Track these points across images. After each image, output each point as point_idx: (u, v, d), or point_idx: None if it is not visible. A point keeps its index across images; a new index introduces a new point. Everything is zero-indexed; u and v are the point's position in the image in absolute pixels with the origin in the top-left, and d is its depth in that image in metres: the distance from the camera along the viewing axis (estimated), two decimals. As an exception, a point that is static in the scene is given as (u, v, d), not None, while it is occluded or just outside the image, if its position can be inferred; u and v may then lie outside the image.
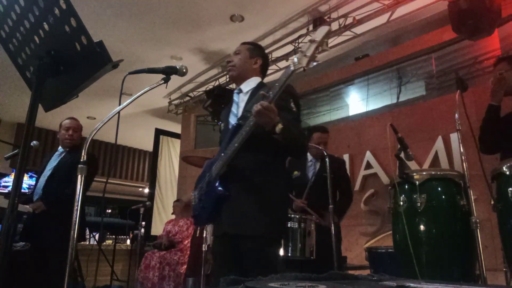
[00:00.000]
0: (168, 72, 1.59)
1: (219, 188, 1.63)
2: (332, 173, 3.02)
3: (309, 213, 2.72)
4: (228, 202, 1.63)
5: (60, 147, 3.11)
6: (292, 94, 1.73)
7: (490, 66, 4.10)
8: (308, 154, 3.25)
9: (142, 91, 1.51)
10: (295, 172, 3.24)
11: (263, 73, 1.94)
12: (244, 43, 1.94)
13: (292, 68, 1.43)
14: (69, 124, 3.08)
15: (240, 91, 1.86)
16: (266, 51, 5.43)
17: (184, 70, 1.62)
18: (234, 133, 1.66)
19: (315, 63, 1.44)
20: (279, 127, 1.49)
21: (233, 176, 1.65)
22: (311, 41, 1.40)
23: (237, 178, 1.64)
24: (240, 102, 1.84)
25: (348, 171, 4.75)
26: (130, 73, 1.53)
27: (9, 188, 6.19)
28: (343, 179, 3.17)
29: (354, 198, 4.56)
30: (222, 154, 1.67)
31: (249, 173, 1.64)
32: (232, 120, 1.78)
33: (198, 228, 4.32)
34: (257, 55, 1.91)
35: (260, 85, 1.83)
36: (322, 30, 1.41)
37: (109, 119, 1.45)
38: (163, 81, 1.59)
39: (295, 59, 1.42)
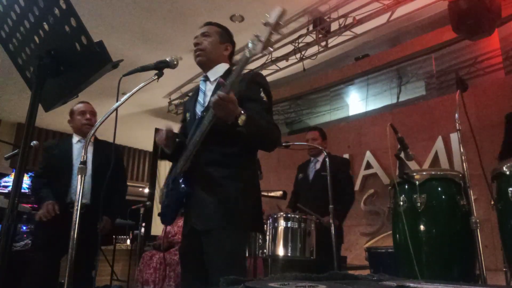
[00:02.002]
0: (160, 66, 1.58)
1: (182, 186, 1.55)
2: (332, 173, 3.03)
3: (308, 213, 2.72)
4: (194, 198, 1.56)
5: (74, 136, 2.75)
6: (261, 84, 1.62)
7: (490, 66, 4.11)
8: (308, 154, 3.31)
9: (136, 88, 1.50)
10: (300, 175, 3.30)
11: (230, 60, 1.81)
12: (210, 24, 1.78)
13: (247, 55, 1.35)
14: (84, 107, 2.72)
15: (207, 78, 1.73)
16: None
17: (175, 62, 1.59)
18: (198, 126, 1.57)
19: (271, 49, 1.36)
20: (242, 118, 1.38)
21: (197, 172, 1.56)
22: (265, 25, 1.32)
23: (202, 174, 1.55)
24: (207, 91, 1.71)
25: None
26: (125, 75, 1.52)
27: (9, 188, 6.20)
28: (343, 179, 3.11)
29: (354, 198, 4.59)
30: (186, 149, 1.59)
31: (214, 167, 1.55)
32: (199, 111, 1.67)
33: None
34: (227, 41, 1.78)
35: (228, 72, 1.71)
36: (275, 12, 1.31)
37: (106, 118, 1.45)
38: (156, 77, 1.59)
39: (250, 45, 1.34)
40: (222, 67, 1.73)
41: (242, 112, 1.40)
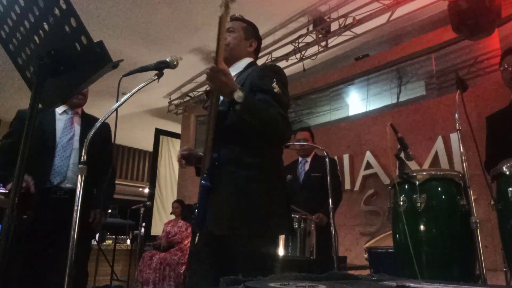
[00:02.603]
0: (160, 67, 1.57)
1: (202, 182, 1.48)
2: (319, 172, 3.04)
3: (297, 212, 2.72)
4: (213, 199, 1.48)
5: (59, 107, 2.33)
6: (275, 75, 1.54)
7: (490, 66, 4.11)
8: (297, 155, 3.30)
9: (136, 88, 1.51)
10: (288, 176, 3.27)
11: (255, 55, 1.78)
12: (236, 19, 1.75)
13: (219, 15, 1.36)
14: None
15: None
16: (266, 51, 5.46)
17: (175, 63, 1.59)
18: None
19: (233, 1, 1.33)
20: (239, 94, 1.34)
21: (219, 171, 1.49)
22: None
23: (223, 173, 1.48)
24: None
25: (348, 171, 4.80)
26: (124, 75, 1.53)
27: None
28: (332, 177, 2.92)
29: (354, 198, 4.61)
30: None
31: (236, 167, 1.48)
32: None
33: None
34: (252, 37, 1.75)
35: (250, 65, 1.69)
36: None
37: (106, 118, 1.45)
38: (156, 77, 1.58)
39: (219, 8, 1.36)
40: (244, 62, 1.70)
41: (240, 88, 1.37)
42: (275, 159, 1.59)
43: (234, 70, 1.68)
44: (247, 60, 1.71)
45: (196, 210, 1.53)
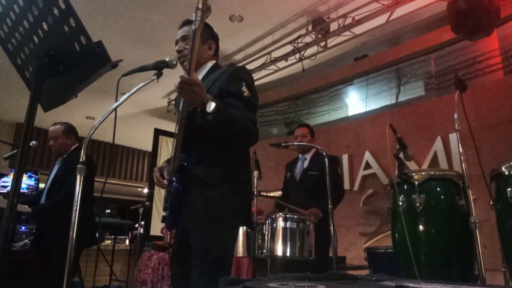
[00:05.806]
0: (159, 66, 1.58)
1: (174, 184, 1.53)
2: (317, 170, 2.99)
3: (288, 208, 2.72)
4: (185, 198, 1.52)
5: None
6: (243, 79, 1.57)
7: (489, 66, 4.12)
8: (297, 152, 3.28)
9: (135, 88, 1.51)
10: (288, 174, 3.26)
11: (216, 56, 1.79)
12: (189, 23, 1.66)
13: (194, 27, 1.34)
14: (48, 133, 3.02)
15: None
16: (266, 51, 5.46)
17: (174, 62, 1.60)
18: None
19: (211, 11, 1.33)
20: (211, 105, 1.35)
21: (187, 170, 1.54)
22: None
23: (191, 173, 1.53)
24: None
25: (347, 171, 4.80)
26: (124, 75, 1.53)
27: (8, 188, 6.19)
28: (331, 175, 2.85)
29: (353, 198, 4.61)
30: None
31: (203, 166, 1.53)
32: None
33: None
34: (209, 38, 1.73)
35: (214, 67, 1.71)
36: None
37: (105, 118, 1.44)
38: (155, 76, 1.58)
39: (193, 17, 1.36)
40: (209, 65, 1.72)
41: (212, 98, 1.38)
42: (242, 158, 1.64)
43: (199, 75, 1.68)
44: (211, 63, 1.73)
45: (168, 211, 1.57)
